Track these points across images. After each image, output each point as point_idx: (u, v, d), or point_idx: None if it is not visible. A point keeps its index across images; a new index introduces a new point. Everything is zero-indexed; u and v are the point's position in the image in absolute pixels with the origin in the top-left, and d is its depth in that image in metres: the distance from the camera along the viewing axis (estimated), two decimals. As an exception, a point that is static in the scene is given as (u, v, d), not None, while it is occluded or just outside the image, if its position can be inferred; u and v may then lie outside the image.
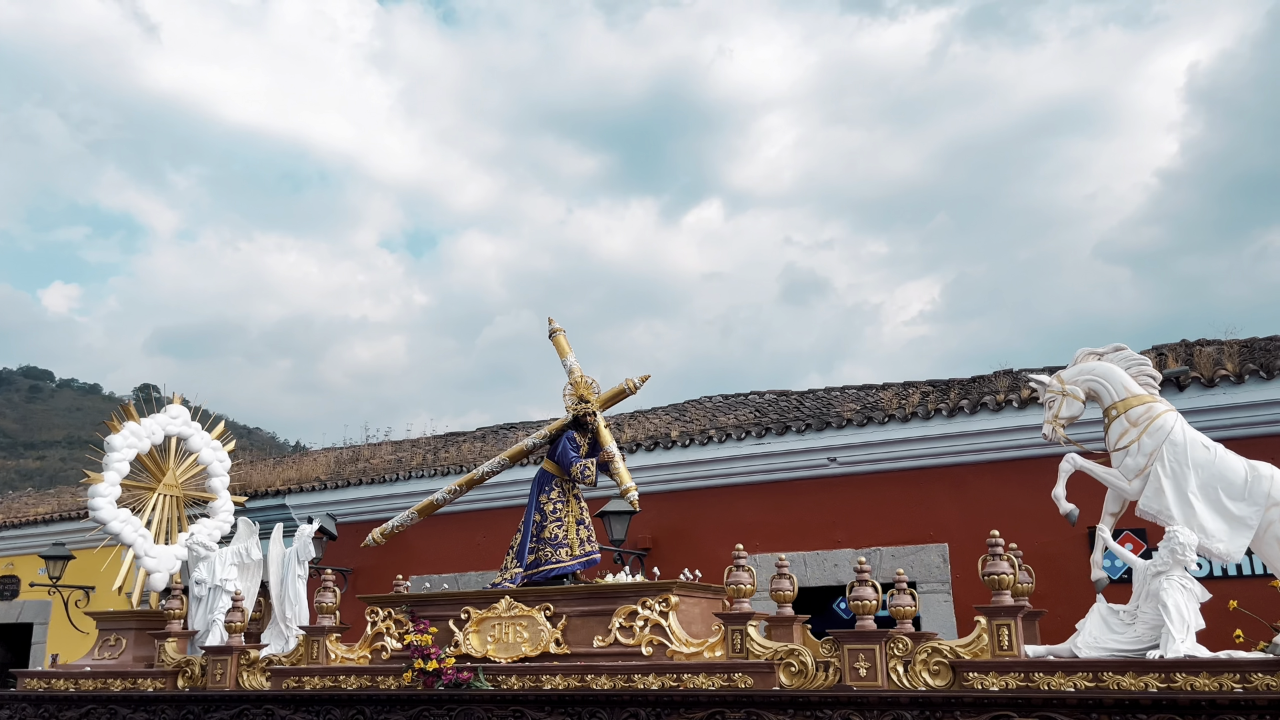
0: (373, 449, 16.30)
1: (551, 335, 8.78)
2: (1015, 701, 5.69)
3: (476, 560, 12.57)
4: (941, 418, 10.54)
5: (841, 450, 10.87)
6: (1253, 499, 6.24)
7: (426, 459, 14.50)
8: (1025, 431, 10.13)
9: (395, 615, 8.04)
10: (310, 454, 17.23)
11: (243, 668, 8.47)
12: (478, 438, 15.43)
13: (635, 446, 12.35)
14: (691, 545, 11.22)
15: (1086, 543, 9.55)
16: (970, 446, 10.46)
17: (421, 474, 13.44)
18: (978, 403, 10.44)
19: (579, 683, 7.03)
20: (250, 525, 9.83)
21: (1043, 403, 7.13)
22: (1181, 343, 11.20)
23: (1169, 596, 5.89)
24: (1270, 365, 9.51)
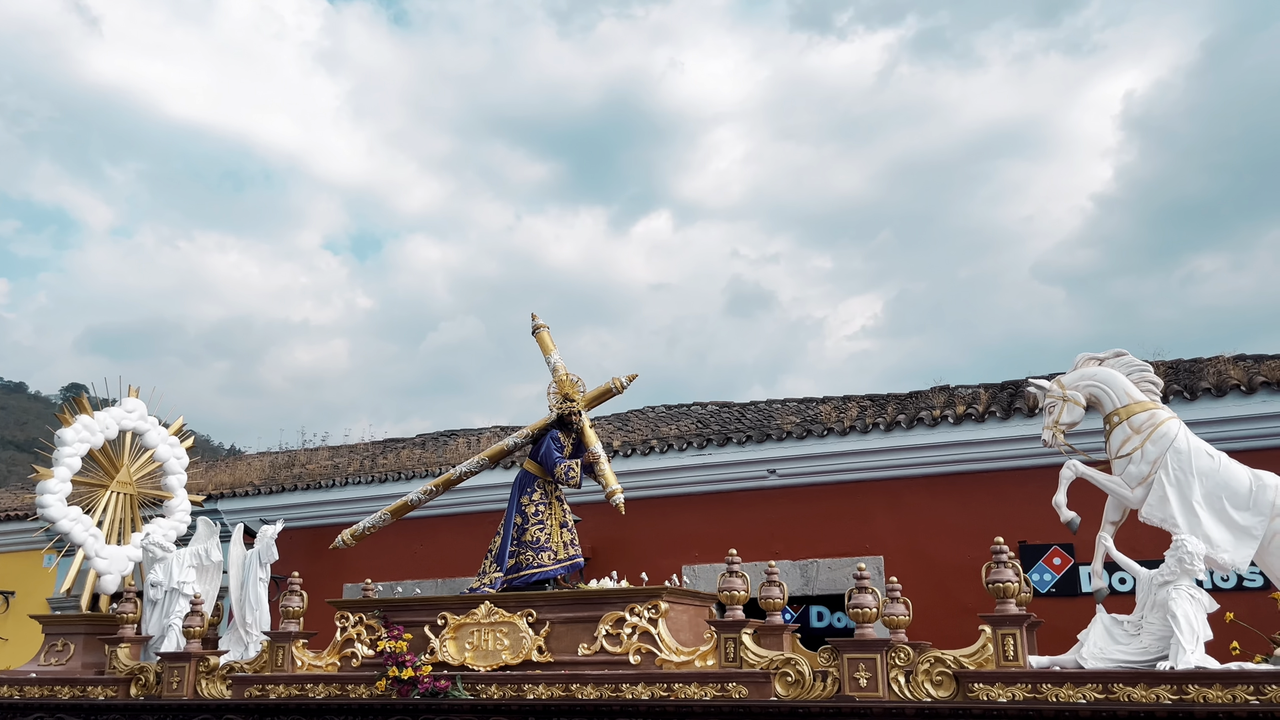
0: (309, 454, 15.90)
1: (534, 332, 8.49)
2: (1026, 714, 5.52)
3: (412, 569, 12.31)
4: (879, 432, 10.61)
5: (781, 462, 10.89)
6: (1258, 509, 6.15)
7: (364, 465, 14.16)
8: (960, 447, 10.32)
9: (367, 621, 7.67)
10: (244, 458, 16.73)
11: (201, 675, 8.05)
12: (418, 444, 15.17)
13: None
14: (631, 555, 10.97)
15: (1018, 557, 9.78)
16: (906, 461, 10.57)
17: (359, 480, 13.17)
18: (914, 418, 10.56)
19: (563, 692, 6.73)
20: (210, 526, 9.40)
21: (1043, 408, 7.00)
22: None
23: (1178, 607, 5.76)
24: (1194, 386, 9.69)
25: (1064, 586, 9.74)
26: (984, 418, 10.30)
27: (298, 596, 8.05)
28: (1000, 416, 10.26)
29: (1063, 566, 9.90)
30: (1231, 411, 9.49)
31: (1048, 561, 9.99)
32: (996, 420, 10.28)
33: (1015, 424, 10.22)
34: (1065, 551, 9.86)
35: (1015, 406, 10.32)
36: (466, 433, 15.29)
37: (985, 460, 10.35)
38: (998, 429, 10.26)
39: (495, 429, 15.24)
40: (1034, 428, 9.90)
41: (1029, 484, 10.08)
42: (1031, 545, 9.93)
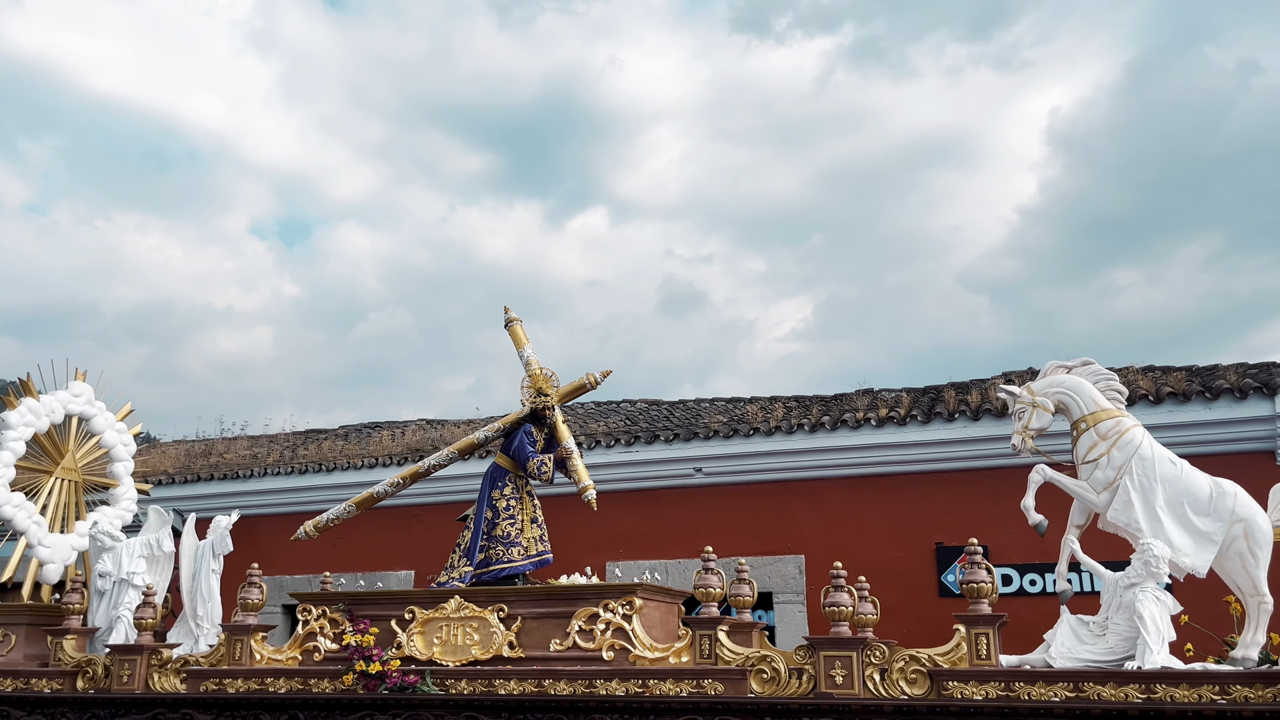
0: (227, 443, 15.62)
1: (507, 325, 8.41)
2: (1002, 711, 5.64)
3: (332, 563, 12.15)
4: (803, 433, 10.84)
5: (707, 461, 11.04)
6: (1217, 515, 6.35)
7: (284, 455, 14.03)
8: (882, 449, 10.60)
9: (330, 614, 7.54)
10: (159, 446, 16.32)
11: (153, 668, 7.82)
12: (340, 435, 15.03)
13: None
14: (556, 552, 11.07)
15: (934, 558, 10.26)
16: (829, 461, 10.80)
17: (278, 471, 13.02)
18: (838, 420, 10.81)
19: (536, 688, 6.69)
20: (163, 515, 9.15)
21: (1012, 413, 7.14)
22: (1029, 370, 11.75)
23: (1144, 608, 5.94)
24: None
25: None
26: (905, 421, 10.59)
27: (257, 589, 7.86)
28: (921, 420, 10.57)
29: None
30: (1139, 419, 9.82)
31: (963, 563, 10.22)
32: (918, 424, 10.58)
33: (935, 427, 10.57)
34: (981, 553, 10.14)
35: (936, 411, 10.66)
36: (391, 425, 15.22)
37: (906, 462, 10.68)
38: (919, 432, 10.56)
39: (421, 421, 15.14)
40: (953, 432, 10.58)
41: (947, 487, 10.51)
42: (948, 547, 10.30)
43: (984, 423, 10.46)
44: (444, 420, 15.09)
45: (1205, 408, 9.76)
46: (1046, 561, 9.89)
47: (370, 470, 12.84)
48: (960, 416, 10.47)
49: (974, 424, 10.47)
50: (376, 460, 12.90)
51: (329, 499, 12.16)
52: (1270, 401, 9.62)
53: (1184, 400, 9.80)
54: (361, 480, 12.62)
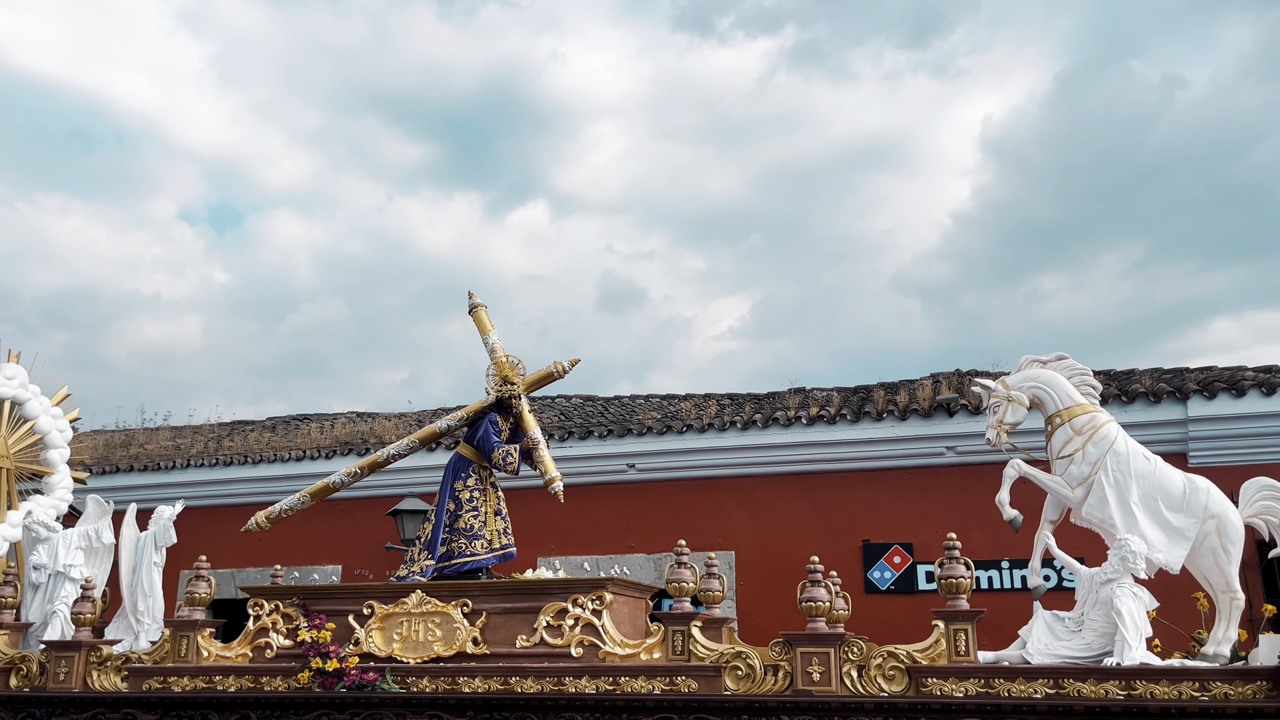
0: (149, 433, 15.21)
1: (472, 311, 8.15)
2: (984, 708, 5.56)
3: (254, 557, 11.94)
4: (735, 430, 10.92)
5: (641, 457, 11.03)
6: (1190, 511, 6.35)
7: (209, 447, 13.68)
8: (811, 447, 10.70)
9: (284, 609, 7.22)
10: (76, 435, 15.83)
11: (92, 666, 7.43)
12: (267, 427, 14.74)
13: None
14: None
15: (860, 555, 10.36)
16: (760, 459, 10.89)
17: (201, 462, 12.71)
18: (770, 418, 10.88)
19: (501, 685, 6.46)
20: (102, 505, 8.71)
21: (987, 407, 7.07)
22: (955, 372, 12.06)
23: (1122, 604, 5.90)
24: None
25: (902, 584, 10.23)
26: (835, 420, 10.72)
27: (205, 582, 7.52)
28: (850, 419, 10.70)
29: (902, 565, 10.39)
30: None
31: (888, 560, 10.43)
32: (847, 422, 10.72)
33: (864, 427, 10.71)
34: (905, 551, 10.38)
35: (865, 410, 10.80)
36: (321, 417, 14.95)
37: (835, 461, 10.80)
38: (848, 431, 10.71)
39: (351, 414, 14.85)
40: (881, 431, 10.74)
41: (874, 485, 10.66)
42: (874, 544, 10.44)
43: (911, 422, 10.65)
44: (375, 413, 14.82)
45: (1121, 410, 10.05)
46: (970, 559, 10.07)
47: (297, 463, 12.61)
48: (888, 416, 10.65)
49: (901, 424, 10.64)
50: (304, 453, 12.65)
51: (254, 492, 11.96)
52: (1183, 405, 10.00)
53: (1101, 402, 10.02)
54: (289, 473, 12.59)
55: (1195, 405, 9.99)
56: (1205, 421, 10.00)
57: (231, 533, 8.35)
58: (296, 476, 12.29)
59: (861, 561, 10.35)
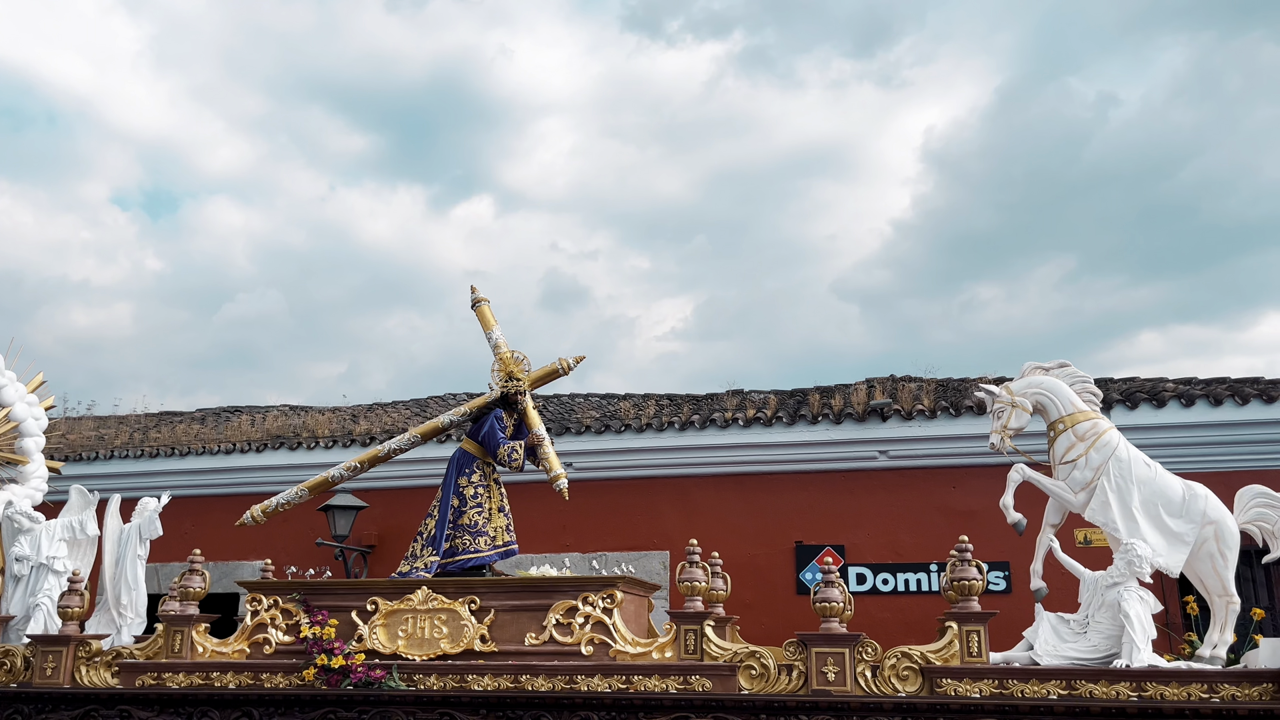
0: (71, 423, 14.87)
1: (474, 305, 8.08)
2: (1002, 709, 5.65)
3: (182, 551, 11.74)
4: (673, 430, 11.04)
5: (579, 456, 11.06)
6: (1189, 516, 6.51)
7: (134, 438, 13.44)
8: (748, 449, 10.88)
9: (283, 604, 7.10)
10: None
11: (81, 661, 7.24)
12: (197, 419, 14.54)
13: (369, 440, 12.04)
14: None
15: (793, 556, 10.56)
16: (697, 460, 11.04)
17: (126, 454, 12.48)
18: (707, 419, 11.03)
19: (512, 683, 6.42)
20: (85, 496, 8.48)
21: (991, 412, 7.18)
22: (890, 377, 12.37)
23: (1130, 607, 6.03)
24: (959, 404, 10.71)
25: None
26: (772, 422, 10.90)
27: (199, 575, 7.36)
28: (787, 422, 10.89)
29: (835, 566, 10.41)
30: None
31: (820, 561, 10.53)
32: (783, 425, 10.91)
33: (800, 429, 10.90)
34: (837, 552, 10.59)
35: (801, 413, 10.96)
36: (252, 409, 14.75)
37: (770, 462, 10.99)
38: (783, 433, 10.88)
39: (284, 407, 14.68)
40: (816, 434, 10.95)
41: (808, 487, 10.88)
42: (807, 545, 10.67)
43: (846, 426, 10.87)
44: (309, 407, 14.65)
45: None
46: (899, 562, 10.54)
47: (227, 456, 12.44)
48: (823, 419, 10.85)
49: (836, 427, 10.84)
50: (234, 445, 12.48)
51: (181, 485, 11.72)
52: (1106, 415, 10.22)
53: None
54: (218, 466, 12.49)
55: (1118, 415, 10.34)
56: (1127, 431, 10.17)
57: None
58: (226, 470, 12.26)
59: (794, 563, 10.55)
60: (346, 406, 14.47)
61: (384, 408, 14.06)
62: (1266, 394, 10.17)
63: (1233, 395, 10.24)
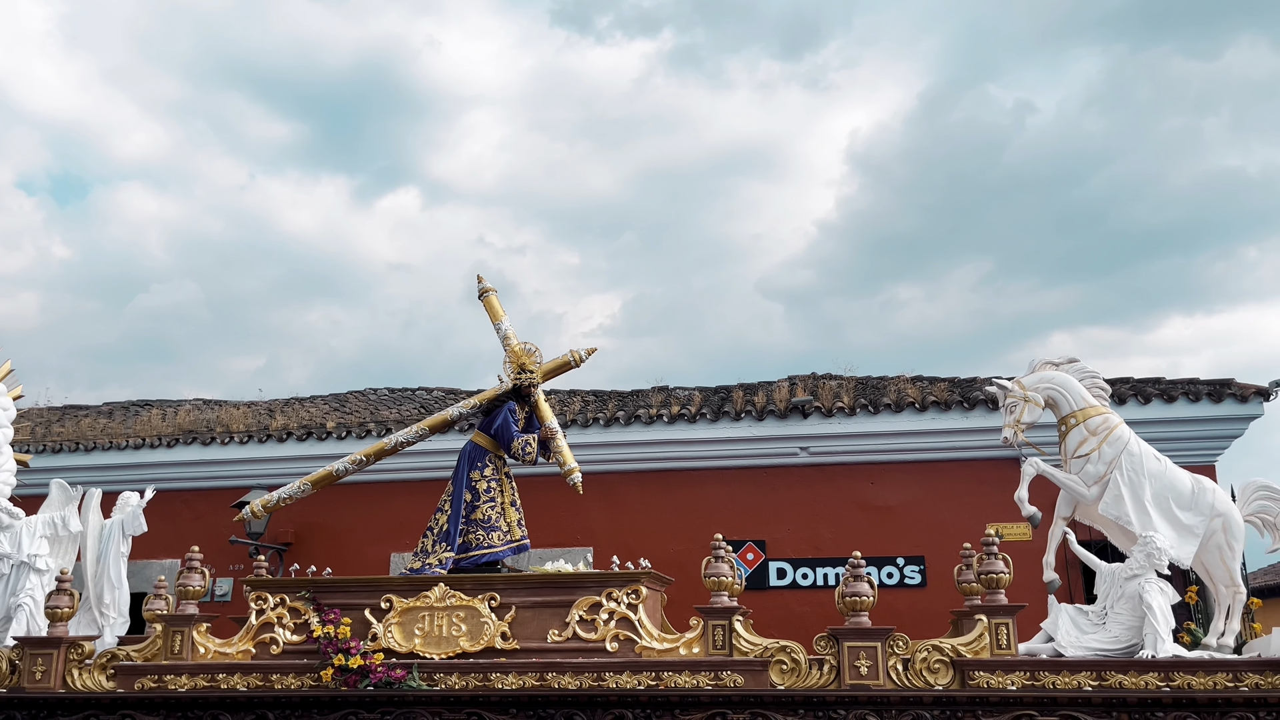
0: None
1: (482, 296, 7.90)
2: (1040, 701, 5.73)
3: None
4: (598, 426, 11.11)
5: None
6: (1199, 509, 6.68)
7: (36, 433, 12.97)
8: (672, 445, 11.01)
9: (291, 602, 6.87)
10: None
11: (72, 664, 6.91)
12: (104, 412, 14.12)
13: (286, 435, 11.88)
14: (336, 541, 10.96)
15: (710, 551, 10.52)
16: (622, 455, 11.11)
17: (27, 449, 11.82)
18: (632, 415, 11.10)
19: (537, 681, 6.32)
20: (66, 491, 8.11)
21: (1003, 407, 7.26)
22: (811, 375, 12.66)
23: (1152, 599, 6.16)
24: (878, 401, 11.06)
25: (755, 580, 10.63)
26: (696, 419, 11.04)
27: (198, 574, 7.09)
28: (710, 418, 11.05)
29: (755, 561, 10.83)
30: (906, 425, 10.92)
31: (741, 556, 10.79)
32: (707, 422, 11.05)
33: (723, 426, 11.07)
34: (758, 547, 10.82)
35: (724, 410, 11.12)
36: (164, 403, 14.35)
37: (693, 458, 11.13)
38: (708, 430, 11.04)
39: (198, 401, 14.33)
40: (739, 430, 11.11)
41: (730, 483, 11.04)
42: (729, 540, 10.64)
43: (768, 423, 11.04)
44: (224, 401, 14.29)
45: (963, 416, 10.80)
46: (818, 556, 10.75)
47: (136, 451, 12.10)
48: (746, 416, 11.02)
49: (759, 424, 11.01)
50: (144, 440, 12.12)
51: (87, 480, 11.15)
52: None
53: (945, 409, 10.84)
54: (127, 461, 12.03)
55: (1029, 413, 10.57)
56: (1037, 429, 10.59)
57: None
58: (135, 465, 11.91)
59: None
60: (263, 401, 14.10)
61: (302, 402, 13.77)
62: (1167, 394, 10.60)
63: (1135, 395, 10.62)
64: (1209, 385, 10.56)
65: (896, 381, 11.94)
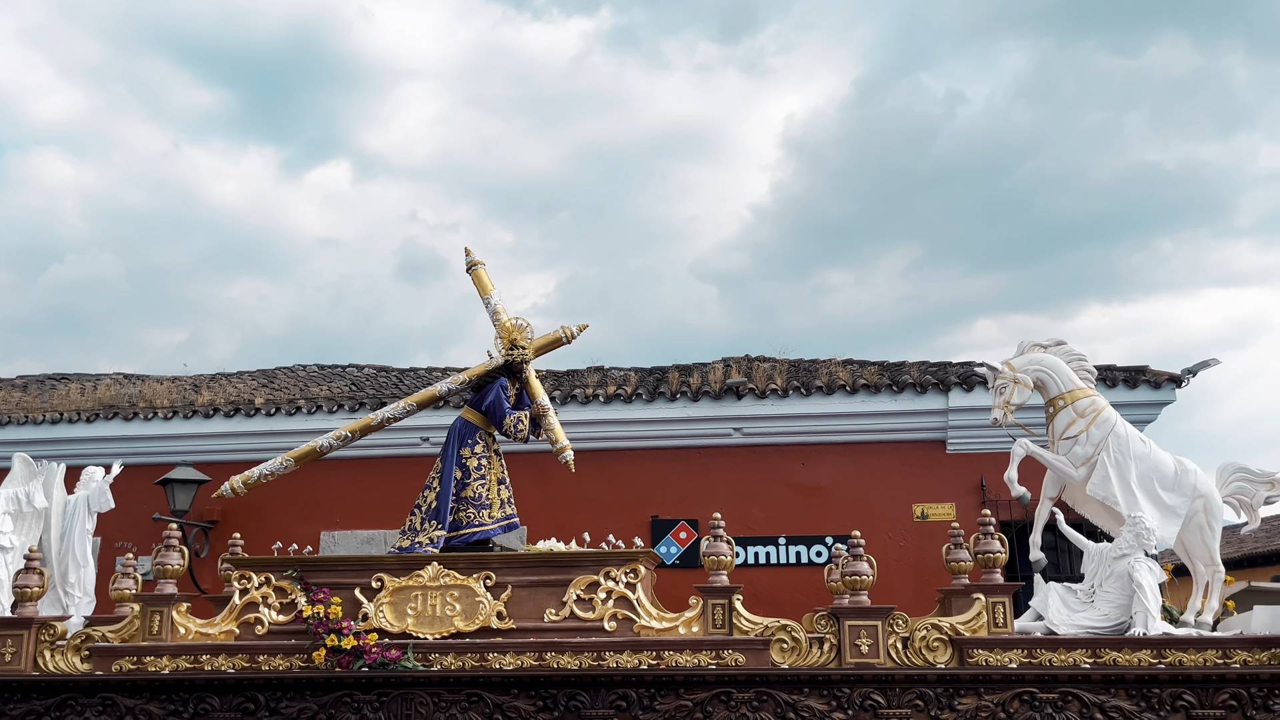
0: None
1: (470, 269, 7.74)
2: (1041, 679, 5.84)
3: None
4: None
5: (434, 430, 10.87)
6: (1181, 490, 6.84)
7: None
8: (607, 425, 11.09)
9: (276, 582, 6.69)
10: None
11: (44, 645, 6.65)
12: (18, 386, 13.64)
13: (212, 411, 11.66)
14: (264, 520, 10.73)
15: (649, 530, 10.82)
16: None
17: None
18: (568, 394, 11.17)
19: (536, 661, 6.25)
20: (30, 465, 7.79)
21: (993, 388, 7.33)
22: (745, 357, 12.89)
23: (1142, 577, 6.30)
24: (809, 384, 11.29)
25: (687, 559, 10.75)
26: (632, 399, 11.11)
27: (177, 552, 6.86)
28: (646, 399, 11.13)
29: (687, 540, 10.97)
30: (837, 408, 11.17)
31: (675, 535, 10.98)
32: (643, 402, 11.12)
33: (659, 406, 11.16)
34: (691, 527, 10.96)
35: (660, 391, 11.23)
36: (81, 377, 13.91)
37: (628, 439, 11.20)
38: (643, 410, 11.13)
39: (118, 375, 13.96)
40: (674, 411, 11.21)
41: (664, 463, 11.15)
42: (663, 520, 10.98)
43: (702, 404, 11.16)
44: (145, 375, 13.92)
45: (891, 399, 11.06)
46: (750, 535, 10.88)
47: (54, 426, 11.73)
48: (681, 397, 11.14)
49: (693, 404, 11.14)
50: (61, 415, 11.77)
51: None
52: (944, 396, 10.98)
53: (875, 392, 11.10)
54: (42, 436, 11.72)
55: (955, 397, 10.99)
56: (962, 412, 11.00)
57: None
58: (52, 440, 11.55)
59: (650, 537, 10.75)
60: (187, 376, 13.73)
61: (228, 378, 13.45)
62: (1085, 379, 10.97)
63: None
64: (1124, 372, 10.81)
65: (828, 364, 12.13)
